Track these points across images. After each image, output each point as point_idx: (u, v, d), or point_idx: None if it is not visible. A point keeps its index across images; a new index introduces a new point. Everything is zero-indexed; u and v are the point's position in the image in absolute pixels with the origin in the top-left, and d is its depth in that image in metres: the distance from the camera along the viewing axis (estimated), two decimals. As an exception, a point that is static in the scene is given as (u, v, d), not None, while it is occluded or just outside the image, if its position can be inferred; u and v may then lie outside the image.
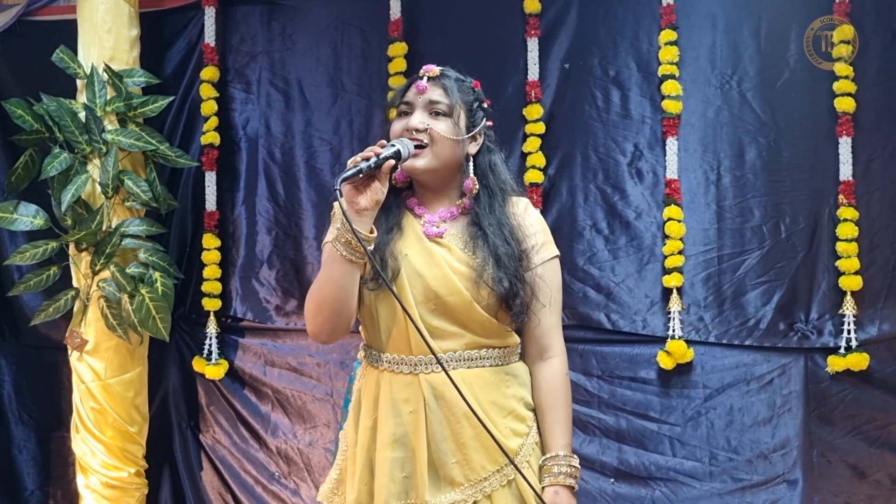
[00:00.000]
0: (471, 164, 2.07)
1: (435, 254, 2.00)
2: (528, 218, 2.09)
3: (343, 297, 1.95)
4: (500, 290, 1.97)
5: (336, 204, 2.04)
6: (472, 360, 2.01)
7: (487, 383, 2.00)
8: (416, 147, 1.99)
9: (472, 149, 2.07)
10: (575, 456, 2.03)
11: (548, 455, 2.01)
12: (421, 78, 2.06)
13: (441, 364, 1.91)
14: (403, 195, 2.10)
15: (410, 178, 2.09)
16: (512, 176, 2.14)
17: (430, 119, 2.02)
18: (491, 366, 2.02)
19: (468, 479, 1.97)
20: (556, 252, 2.12)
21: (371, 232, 1.91)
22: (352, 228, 1.85)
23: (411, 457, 1.98)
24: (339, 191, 1.83)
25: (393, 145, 1.94)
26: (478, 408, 1.94)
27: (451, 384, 1.88)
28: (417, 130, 2.00)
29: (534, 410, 2.07)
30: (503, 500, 1.97)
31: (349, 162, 1.89)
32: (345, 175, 1.85)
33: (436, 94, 2.04)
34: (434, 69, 2.07)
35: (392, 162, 1.91)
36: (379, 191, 1.90)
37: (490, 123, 2.13)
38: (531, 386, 2.07)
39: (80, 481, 3.80)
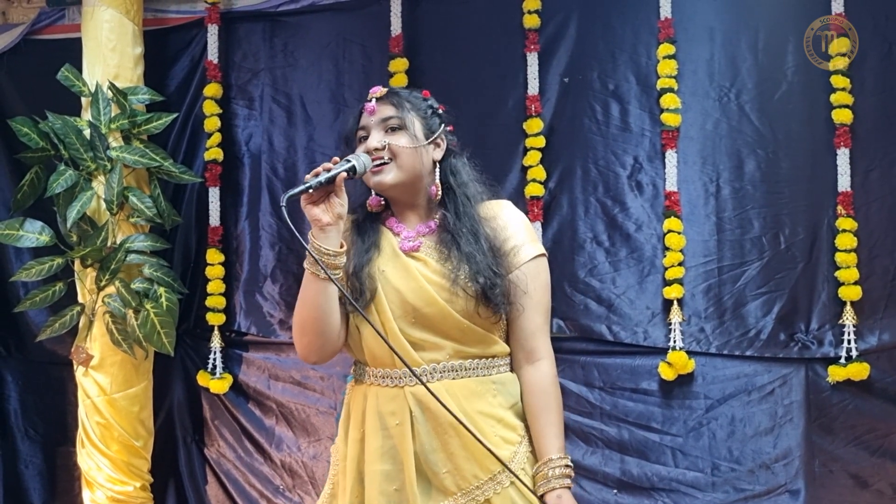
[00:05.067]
0: (437, 170, 2.08)
1: (410, 268, 2.02)
2: (506, 219, 2.09)
3: (322, 315, 1.96)
4: (475, 287, 1.97)
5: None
6: (456, 370, 2.00)
7: (473, 393, 2.00)
8: (380, 164, 2.01)
9: (437, 155, 2.09)
10: (568, 456, 2.01)
11: (542, 461, 1.99)
12: (369, 100, 2.08)
13: (418, 378, 1.92)
14: (382, 216, 2.12)
15: (386, 201, 2.11)
16: (477, 177, 2.14)
17: (387, 136, 2.04)
18: (477, 376, 2.02)
19: (461, 489, 1.96)
20: (540, 251, 2.09)
21: (341, 246, 1.93)
22: (307, 247, 1.88)
23: (399, 469, 1.98)
24: (286, 208, 1.83)
25: (348, 160, 1.95)
26: (465, 418, 1.94)
27: (432, 394, 1.90)
28: (377, 150, 2.02)
29: (525, 420, 2.05)
30: (504, 503, 1.96)
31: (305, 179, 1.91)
32: (290, 192, 1.86)
33: (386, 111, 2.05)
34: (380, 89, 2.10)
35: (345, 175, 1.91)
36: (338, 205, 1.90)
37: (451, 128, 2.14)
38: (520, 390, 2.06)
39: (86, 496, 3.82)
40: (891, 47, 3.51)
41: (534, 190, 3.69)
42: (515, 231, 2.07)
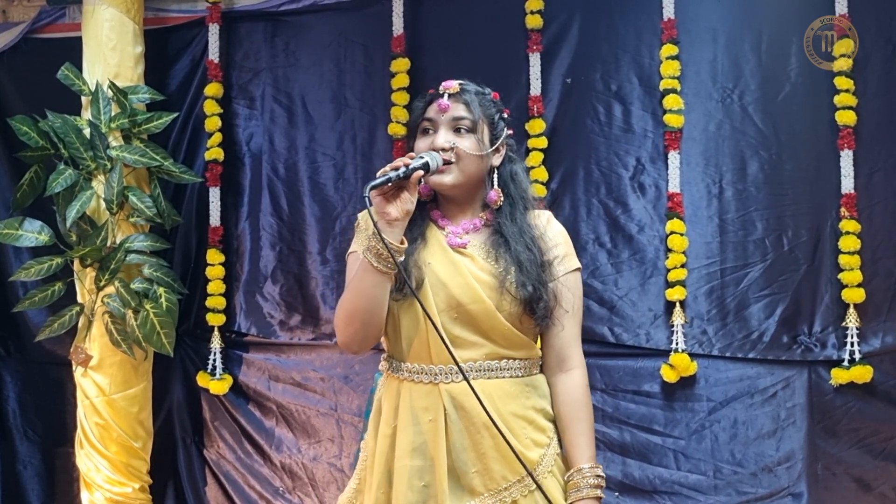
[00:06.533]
0: (494, 175, 2.08)
1: (458, 263, 2.02)
2: (550, 230, 2.11)
3: (374, 307, 1.96)
4: (523, 294, 1.98)
5: (360, 215, 2.09)
6: (491, 370, 2.01)
7: (507, 394, 2.00)
8: (444, 163, 2.01)
9: (496, 160, 2.09)
10: (599, 465, 2.03)
11: (573, 469, 2.01)
12: (441, 95, 2.06)
13: (462, 373, 1.92)
14: (427, 207, 2.12)
15: (434, 192, 2.11)
16: (531, 186, 2.16)
17: (455, 136, 2.03)
18: (511, 377, 2.02)
19: (488, 489, 1.97)
20: (578, 265, 2.12)
21: (402, 243, 1.92)
22: (382, 239, 1.87)
23: (430, 465, 1.98)
24: (369, 198, 1.85)
25: (422, 157, 1.95)
26: (498, 419, 1.95)
27: (471, 394, 1.90)
28: (444, 150, 2.01)
29: (553, 422, 2.06)
30: None
31: (378, 173, 1.90)
32: (374, 183, 1.86)
33: (458, 110, 2.04)
34: (454, 85, 2.07)
35: (421, 172, 1.92)
36: (409, 201, 1.91)
37: (511, 132, 2.14)
38: (551, 398, 2.07)
39: (85, 497, 3.80)
40: (894, 49, 3.49)
41: (536, 191, 3.65)
42: (558, 242, 2.09)
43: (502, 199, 2.07)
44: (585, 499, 1.98)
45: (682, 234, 3.58)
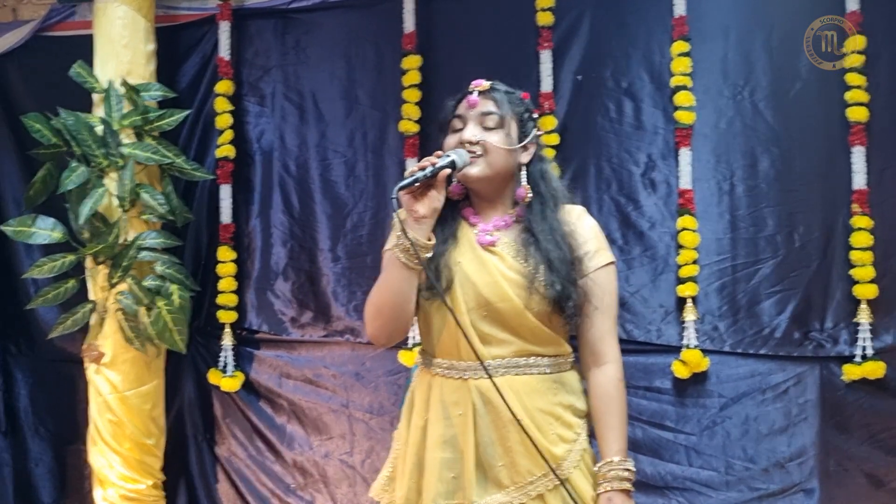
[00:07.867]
0: (523, 173, 2.12)
1: (487, 261, 2.06)
2: (581, 225, 2.14)
3: (401, 302, 2.02)
4: (552, 293, 2.02)
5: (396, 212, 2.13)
6: (520, 367, 2.05)
7: (535, 390, 2.05)
8: (472, 157, 2.06)
9: (525, 158, 2.13)
10: (630, 460, 2.06)
11: (603, 461, 2.05)
12: (471, 92, 2.12)
13: (487, 372, 1.97)
14: (459, 206, 2.16)
15: (466, 191, 2.15)
16: (561, 183, 2.20)
17: (483, 132, 2.08)
18: (539, 374, 2.07)
19: (514, 482, 2.02)
20: (612, 258, 2.15)
21: (430, 239, 1.98)
22: (407, 236, 1.93)
23: (460, 458, 2.04)
24: (397, 199, 1.92)
25: (448, 156, 2.01)
26: (524, 414, 2.00)
27: (498, 391, 1.95)
28: (471, 143, 2.06)
29: (584, 418, 2.11)
30: (556, 502, 2.02)
31: (406, 173, 1.94)
32: (402, 184, 1.93)
33: (487, 106, 2.10)
34: (484, 83, 2.13)
35: (448, 171, 1.98)
36: (436, 199, 1.98)
37: (540, 133, 2.17)
38: (586, 392, 2.12)
39: (98, 494, 3.81)
40: (905, 46, 3.50)
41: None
42: (589, 237, 2.13)
43: (531, 195, 2.10)
44: (613, 490, 2.02)
45: (693, 231, 3.58)
